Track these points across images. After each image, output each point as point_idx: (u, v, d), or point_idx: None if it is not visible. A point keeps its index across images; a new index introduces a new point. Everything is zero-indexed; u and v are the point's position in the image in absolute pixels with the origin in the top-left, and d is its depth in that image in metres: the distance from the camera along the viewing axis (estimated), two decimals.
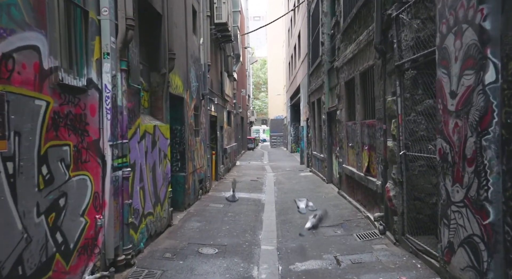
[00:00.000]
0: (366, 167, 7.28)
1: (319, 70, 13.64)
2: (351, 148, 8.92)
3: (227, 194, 10.87)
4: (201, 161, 10.37)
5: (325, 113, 12.51)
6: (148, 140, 5.85)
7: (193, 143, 9.28)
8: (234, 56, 17.99)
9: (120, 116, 4.71)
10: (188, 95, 8.77)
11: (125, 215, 4.77)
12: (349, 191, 9.04)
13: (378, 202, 6.58)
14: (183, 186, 8.30)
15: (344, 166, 9.46)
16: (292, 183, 13.18)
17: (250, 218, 7.96)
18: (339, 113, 9.97)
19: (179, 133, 8.31)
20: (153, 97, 6.74)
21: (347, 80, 8.98)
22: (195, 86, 9.72)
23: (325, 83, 12.34)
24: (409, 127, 5.33)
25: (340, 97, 9.87)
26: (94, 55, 4.26)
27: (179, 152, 8.32)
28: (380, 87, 6.27)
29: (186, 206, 8.40)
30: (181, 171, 8.34)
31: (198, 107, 10.10)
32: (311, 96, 15.77)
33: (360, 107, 7.83)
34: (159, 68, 6.70)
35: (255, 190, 11.74)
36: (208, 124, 11.83)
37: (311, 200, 9.85)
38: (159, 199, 6.38)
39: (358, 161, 8.07)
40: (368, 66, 7.05)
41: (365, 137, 7.54)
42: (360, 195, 7.98)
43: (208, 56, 11.07)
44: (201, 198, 10.02)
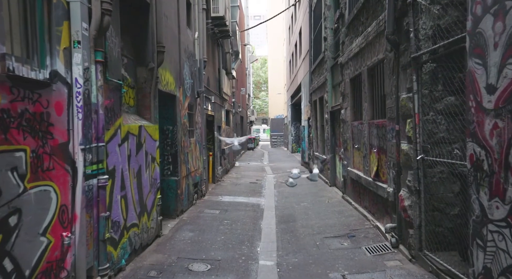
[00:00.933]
0: (375, 172, 6.63)
1: (321, 67, 12.98)
2: (357, 150, 8.27)
3: (224, 198, 10.23)
4: (196, 164, 9.73)
5: (328, 112, 11.85)
6: (132, 142, 5.21)
7: (187, 144, 8.63)
8: (233, 53, 17.32)
9: (94, 115, 4.06)
10: (181, 93, 8.12)
11: (101, 230, 4.12)
12: (355, 197, 8.39)
13: (389, 211, 5.93)
14: (175, 192, 7.65)
15: (349, 169, 8.81)
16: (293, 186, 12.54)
17: (248, 227, 7.31)
18: (344, 112, 9.31)
19: (171, 134, 7.66)
20: (139, 95, 6.09)
21: (352, 76, 8.33)
22: (190, 83, 9.07)
23: (328, 81, 11.69)
24: (427, 128, 4.68)
25: (344, 95, 9.22)
26: (61, 43, 3.61)
27: (171, 154, 7.67)
28: (392, 83, 5.62)
29: (178, 213, 7.75)
30: (173, 175, 7.69)
31: (193, 106, 9.45)
32: (313, 94, 15.11)
33: (367, 105, 7.18)
34: (147, 62, 6.05)
35: (254, 194, 11.09)
36: (204, 124, 11.18)
37: (313, 205, 9.20)
38: (146, 208, 5.73)
39: (365, 164, 7.42)
40: (378, 60, 6.39)
41: (373, 139, 6.89)
42: (367, 201, 7.33)
43: (204, 52, 10.42)
44: (196, 203, 9.37)
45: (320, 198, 10.06)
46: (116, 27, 4.75)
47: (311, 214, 8.22)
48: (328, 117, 11.79)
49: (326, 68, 11.90)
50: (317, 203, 9.35)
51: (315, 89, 14.42)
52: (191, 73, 9.29)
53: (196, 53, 9.74)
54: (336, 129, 11.35)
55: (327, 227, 7.00)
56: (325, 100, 12.12)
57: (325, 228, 6.94)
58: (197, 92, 9.75)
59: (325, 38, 11.87)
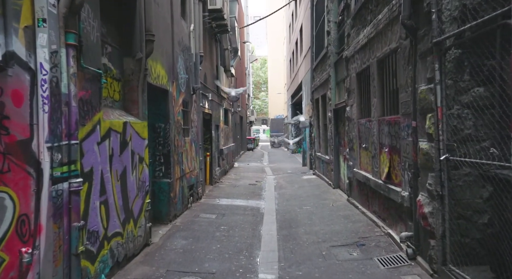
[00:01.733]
0: (386, 174, 6.02)
1: (324, 63, 12.38)
2: (364, 149, 7.66)
3: (222, 201, 9.62)
4: (192, 164, 9.12)
5: (331, 110, 11.25)
6: (115, 140, 4.60)
7: (181, 144, 8.03)
8: (232, 50, 16.71)
9: (65, 107, 3.45)
10: (174, 88, 7.52)
11: (73, 243, 3.51)
12: (362, 200, 7.78)
13: (403, 217, 5.32)
14: (168, 195, 7.04)
15: (355, 170, 8.20)
16: (295, 188, 11.93)
17: (246, 233, 6.70)
18: (349, 110, 8.71)
19: (163, 132, 7.05)
20: (126, 88, 5.49)
21: (359, 70, 7.73)
22: (184, 79, 8.47)
23: (331, 77, 11.08)
24: (451, 124, 4.08)
25: (350, 91, 8.62)
26: (20, 20, 3.00)
27: (163, 154, 7.06)
28: (407, 74, 5.02)
29: (171, 218, 7.14)
30: (165, 177, 7.08)
31: (188, 103, 8.85)
32: (315, 92, 14.51)
33: (377, 101, 6.58)
34: (134, 52, 5.45)
35: (253, 196, 10.49)
36: (201, 123, 10.58)
37: (316, 208, 8.60)
38: (132, 214, 5.12)
39: (374, 165, 6.81)
40: (389, 50, 5.80)
41: (384, 137, 6.29)
42: (377, 206, 6.72)
43: (201, 46, 9.83)
44: (191, 206, 8.76)
45: (323, 201, 9.45)
46: (94, 8, 4.15)
47: (315, 219, 7.61)
48: (332, 115, 11.19)
49: (329, 64, 11.30)
50: (321, 207, 8.75)
51: (317, 86, 13.82)
52: (186, 68, 8.69)
53: (192, 47, 9.14)
54: (340, 128, 10.75)
55: (333, 234, 6.40)
56: (328, 97, 11.52)
57: (331, 235, 6.34)
58: (192, 88, 9.15)
59: (328, 32, 11.27)
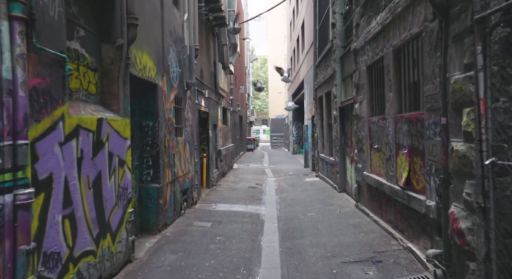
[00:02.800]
0: (405, 178, 5.24)
1: (328, 58, 11.61)
2: (376, 151, 6.89)
3: (219, 207, 8.84)
4: (186, 167, 8.34)
5: (336, 109, 10.47)
6: (86, 140, 3.82)
7: (173, 145, 7.25)
8: (231, 46, 15.95)
9: (8, 97, 2.68)
10: (164, 82, 6.75)
11: (18, 272, 2.73)
12: (374, 207, 7.00)
13: (428, 231, 4.54)
14: (156, 202, 6.26)
15: (365, 174, 7.42)
16: (297, 192, 11.15)
17: (245, 245, 5.92)
18: (358, 107, 7.93)
19: (151, 131, 6.28)
20: (105, 80, 4.71)
21: (370, 63, 6.95)
22: (177, 73, 7.70)
23: (337, 73, 10.31)
24: (497, 119, 3.30)
25: (359, 87, 7.84)
26: None
27: (151, 156, 6.28)
28: (435, 62, 4.24)
29: (160, 228, 6.36)
30: (153, 181, 6.30)
31: (181, 99, 8.07)
32: (318, 90, 13.73)
33: (393, 96, 5.80)
34: (113, 38, 4.68)
35: (253, 201, 9.71)
36: (196, 122, 9.81)
37: (322, 215, 7.82)
38: (109, 228, 4.34)
39: (389, 169, 6.04)
40: (410, 36, 5.02)
41: (402, 137, 5.51)
42: (393, 214, 5.94)
43: (196, 39, 9.05)
44: (184, 213, 7.98)
45: (329, 207, 8.67)
46: None
47: (321, 228, 6.83)
48: (337, 114, 10.41)
49: (334, 59, 10.52)
50: (327, 213, 7.97)
51: (320, 83, 13.04)
52: (179, 61, 7.92)
53: (186, 38, 8.37)
54: (347, 127, 9.98)
55: (343, 247, 5.62)
56: (334, 94, 10.75)
57: (341, 249, 5.56)
58: (186, 83, 8.37)
59: (333, 24, 10.49)
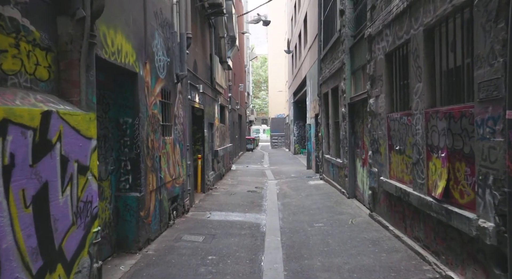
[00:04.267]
0: (443, 189, 4.20)
1: (335, 50, 10.56)
2: (398, 153, 5.85)
3: (214, 215, 7.80)
4: (176, 171, 7.30)
5: (345, 105, 9.43)
6: (19, 140, 2.77)
7: (159, 145, 6.21)
8: (229, 39, 14.90)
9: None
10: (147, 71, 5.70)
11: None
12: (395, 219, 5.96)
13: (481, 259, 3.50)
14: (136, 214, 5.22)
15: (382, 179, 6.38)
16: (301, 197, 10.10)
17: (242, 267, 4.88)
18: (373, 103, 6.89)
19: (130, 130, 5.23)
20: (62, 62, 3.66)
21: (390, 50, 5.92)
22: (164, 62, 6.65)
23: (345, 65, 9.27)
24: None
25: (375, 79, 6.80)
26: None
27: (130, 159, 5.23)
28: (495, 37, 3.20)
29: (141, 245, 5.32)
30: (133, 189, 5.25)
31: (170, 93, 7.02)
32: (323, 85, 12.69)
33: (423, 86, 4.75)
34: (73, 8, 3.63)
35: (252, 208, 8.67)
36: (189, 119, 8.76)
37: (332, 226, 6.79)
38: (61, 257, 3.28)
39: (417, 175, 4.99)
40: (452, 8, 3.97)
41: (437, 137, 4.46)
42: (423, 231, 4.90)
43: (188, 26, 8.00)
44: (174, 224, 6.94)
45: (339, 215, 7.63)
46: None
47: (333, 243, 5.79)
48: (346, 111, 9.37)
49: (343, 50, 9.48)
50: (337, 225, 6.92)
51: (326, 78, 12.00)
52: (167, 49, 6.87)
53: (176, 24, 7.32)
54: (357, 125, 8.94)
55: (363, 272, 4.57)
56: (342, 90, 9.71)
57: (360, 275, 4.51)
58: (176, 75, 7.33)
59: (341, 11, 9.45)
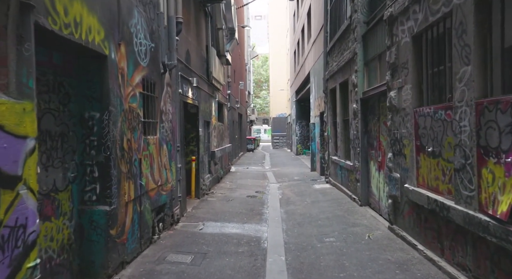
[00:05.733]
0: (510, 207, 3.11)
1: (345, 40, 9.49)
2: (429, 156, 4.77)
3: (207, 227, 6.73)
4: (162, 176, 6.23)
5: (357, 101, 8.36)
6: None
7: (139, 146, 5.15)
8: (228, 31, 13.83)
9: None
10: (122, 56, 4.63)
11: None
12: (426, 237, 4.88)
13: None
14: (105, 233, 4.14)
15: (408, 187, 5.31)
16: (307, 203, 9.02)
17: None
18: (395, 96, 5.82)
19: (98, 127, 4.16)
20: None
21: (420, 30, 4.84)
22: (147, 47, 5.59)
23: (358, 55, 8.20)
24: None
25: (397, 67, 5.73)
26: None
27: (98, 164, 4.16)
28: None
29: (111, 271, 4.24)
30: (101, 202, 4.18)
31: (155, 85, 5.96)
32: (330, 81, 11.61)
33: (474, 70, 3.67)
34: None
35: (252, 217, 7.59)
36: (180, 116, 7.70)
37: (345, 242, 5.71)
38: None
39: (463, 185, 3.91)
40: None
41: (497, 136, 3.38)
42: (473, 259, 3.81)
43: (179, 9, 6.92)
44: (159, 239, 5.87)
45: (353, 228, 6.55)
46: None
47: (350, 266, 4.72)
48: (358, 107, 8.29)
49: (354, 38, 8.42)
50: (352, 239, 5.85)
51: (333, 72, 10.92)
52: (151, 33, 5.80)
53: (162, 4, 6.25)
54: (372, 123, 7.86)
55: None
56: (353, 83, 8.63)
57: None
58: (163, 64, 6.26)
59: None
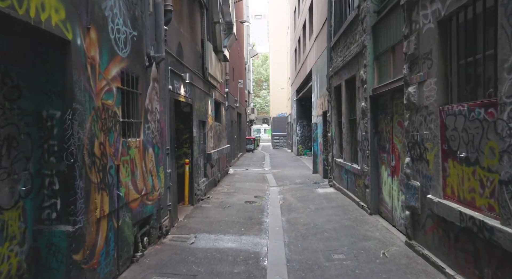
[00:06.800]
0: None
1: (352, 32, 8.71)
2: (462, 163, 3.99)
3: (199, 241, 5.95)
4: (147, 183, 5.45)
5: (366, 98, 7.58)
6: None
7: (117, 150, 4.37)
8: (225, 26, 13.04)
9: None
10: (92, 42, 3.85)
11: None
12: (458, 260, 4.10)
13: None
14: (68, 258, 3.35)
15: (432, 198, 4.53)
16: (310, 210, 8.24)
17: None
18: (415, 92, 5.04)
19: (58, 128, 3.37)
20: None
21: (449, 12, 4.06)
22: (127, 35, 4.80)
23: (367, 48, 7.42)
24: None
25: (417, 59, 4.95)
26: None
27: (58, 173, 3.38)
28: None
29: None
30: (62, 220, 3.39)
31: (138, 79, 5.17)
32: (334, 77, 10.84)
33: None
34: None
35: (250, 227, 6.81)
36: (169, 116, 6.92)
37: (357, 261, 4.92)
38: None
39: (511, 201, 3.14)
40: None
41: None
42: None
43: None
44: (142, 256, 5.09)
45: (364, 242, 5.76)
46: None
47: None
48: (367, 105, 7.51)
49: (363, 30, 7.64)
50: (365, 258, 5.06)
51: (338, 68, 10.14)
52: (133, 19, 5.02)
53: None
54: (383, 123, 7.09)
55: None
56: (361, 79, 7.85)
57: None
58: (148, 56, 5.48)
59: None
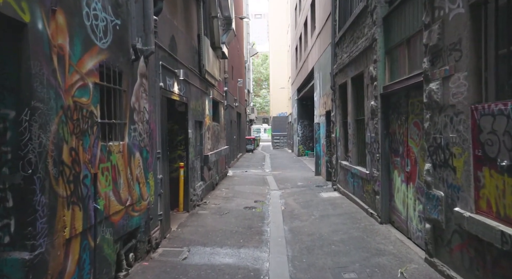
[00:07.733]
0: None
1: (359, 25, 8.07)
2: (503, 173, 3.34)
3: (193, 256, 5.31)
4: (134, 192, 4.81)
5: (376, 97, 6.94)
6: None
7: (94, 157, 3.73)
8: (224, 21, 12.41)
9: None
10: (59, 27, 3.21)
11: None
12: None
13: None
14: None
15: (460, 212, 3.89)
16: (315, 218, 7.60)
17: None
18: (438, 89, 4.41)
19: (12, 131, 2.73)
20: None
21: None
22: (108, 22, 4.17)
23: (378, 42, 6.78)
24: None
25: (441, 51, 4.31)
26: None
27: (12, 188, 2.74)
28: None
29: None
30: (17, 245, 2.74)
31: (121, 75, 4.54)
32: (339, 75, 10.19)
33: None
34: None
35: (250, 238, 6.18)
36: (160, 115, 6.29)
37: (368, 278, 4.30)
38: None
39: None
40: None
41: None
42: None
43: None
44: (126, 276, 4.45)
45: (377, 257, 5.12)
46: None
47: None
48: (378, 104, 6.87)
49: (373, 22, 7.00)
50: (380, 278, 4.43)
51: (344, 65, 9.50)
52: (115, 5, 4.38)
53: None
54: (395, 124, 6.45)
55: None
56: (371, 76, 7.20)
57: None
58: (134, 48, 4.84)
59: None
